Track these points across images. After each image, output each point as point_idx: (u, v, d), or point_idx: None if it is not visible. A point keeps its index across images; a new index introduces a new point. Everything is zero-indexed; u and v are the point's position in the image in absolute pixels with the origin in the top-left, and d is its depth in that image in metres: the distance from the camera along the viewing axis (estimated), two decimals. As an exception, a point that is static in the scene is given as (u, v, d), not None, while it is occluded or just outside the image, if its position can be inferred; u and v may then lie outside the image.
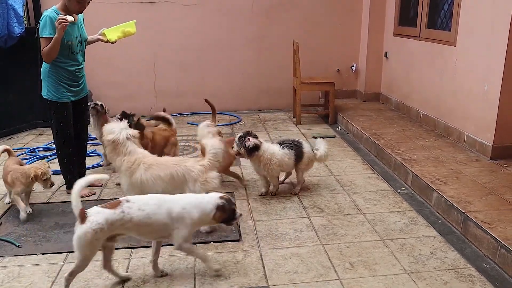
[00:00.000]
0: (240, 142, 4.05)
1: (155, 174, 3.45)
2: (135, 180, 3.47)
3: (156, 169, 3.47)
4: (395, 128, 5.92)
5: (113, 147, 3.59)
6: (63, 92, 4.10)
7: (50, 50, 3.87)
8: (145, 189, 3.39)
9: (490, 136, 4.66)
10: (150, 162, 3.53)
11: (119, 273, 2.99)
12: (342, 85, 7.66)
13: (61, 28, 3.78)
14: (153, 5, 7.01)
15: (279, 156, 4.12)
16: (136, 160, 3.53)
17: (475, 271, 3.07)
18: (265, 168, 4.11)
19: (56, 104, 4.09)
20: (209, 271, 3.03)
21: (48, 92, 4.07)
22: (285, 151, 4.17)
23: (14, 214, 3.95)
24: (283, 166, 4.18)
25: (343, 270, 3.08)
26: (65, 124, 4.16)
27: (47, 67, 4.03)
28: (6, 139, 6.15)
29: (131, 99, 7.23)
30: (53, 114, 4.12)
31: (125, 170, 3.52)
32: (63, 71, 4.07)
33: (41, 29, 3.88)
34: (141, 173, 3.47)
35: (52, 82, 4.05)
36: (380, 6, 7.18)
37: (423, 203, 4.11)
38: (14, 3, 5.92)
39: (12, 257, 3.29)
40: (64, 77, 4.08)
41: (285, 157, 4.15)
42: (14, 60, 6.18)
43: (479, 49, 4.82)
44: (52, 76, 4.04)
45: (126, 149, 3.57)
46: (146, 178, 3.45)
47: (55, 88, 4.06)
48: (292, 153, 4.18)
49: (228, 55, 7.38)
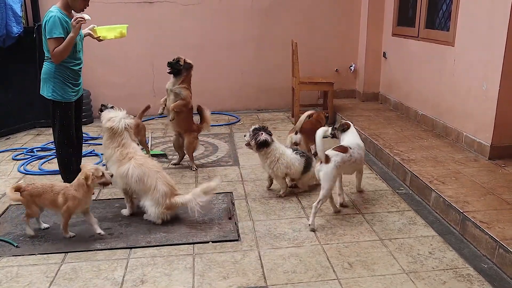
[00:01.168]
0: (252, 134, 4.13)
1: (140, 175, 3.65)
2: (122, 171, 3.68)
3: (144, 170, 3.66)
4: (394, 128, 5.92)
5: (111, 135, 3.74)
6: (69, 92, 4.10)
7: (64, 50, 3.89)
8: (127, 182, 3.68)
9: (488, 136, 4.66)
10: (141, 162, 3.71)
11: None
12: (340, 85, 7.65)
13: (79, 27, 3.86)
14: (152, 5, 7.00)
15: (288, 159, 4.14)
16: (128, 154, 3.72)
17: (473, 271, 3.08)
18: (270, 165, 4.13)
19: (62, 104, 4.09)
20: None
21: (53, 93, 4.04)
22: (297, 157, 4.20)
23: (12, 214, 3.94)
24: (290, 169, 4.17)
25: (342, 270, 3.08)
26: (68, 124, 4.17)
27: (52, 68, 4.00)
28: (4, 139, 6.14)
29: (130, 99, 7.18)
30: (58, 115, 4.11)
31: (116, 160, 3.72)
32: (69, 71, 4.07)
33: (49, 30, 3.85)
34: (129, 167, 3.67)
35: (58, 82, 4.03)
36: (379, 6, 7.18)
37: (422, 203, 4.11)
38: (12, 3, 5.91)
39: (10, 257, 3.29)
40: (69, 77, 4.08)
41: (295, 161, 4.18)
42: (13, 60, 6.17)
43: (477, 49, 4.82)
44: (58, 77, 4.03)
45: (122, 139, 3.73)
46: (131, 174, 3.65)
47: (61, 88, 4.05)
48: (303, 161, 4.20)
49: (227, 55, 7.37)
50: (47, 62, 4.03)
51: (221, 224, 3.73)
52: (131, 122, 3.86)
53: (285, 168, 4.15)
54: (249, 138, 4.14)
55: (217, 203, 4.13)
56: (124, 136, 3.74)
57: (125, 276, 3.04)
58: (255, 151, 4.17)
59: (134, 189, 3.73)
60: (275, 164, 4.12)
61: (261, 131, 4.11)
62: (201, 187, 3.67)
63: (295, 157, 4.19)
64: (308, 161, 4.25)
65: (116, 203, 4.12)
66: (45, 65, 4.05)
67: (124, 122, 3.77)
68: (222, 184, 4.51)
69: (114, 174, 3.64)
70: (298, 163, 4.19)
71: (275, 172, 4.16)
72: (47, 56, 4.01)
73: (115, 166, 3.71)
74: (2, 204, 4.15)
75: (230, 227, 3.67)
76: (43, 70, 4.07)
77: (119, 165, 3.69)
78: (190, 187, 4.47)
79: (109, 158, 3.79)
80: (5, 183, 4.64)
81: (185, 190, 4.35)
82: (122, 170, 3.67)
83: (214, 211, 3.97)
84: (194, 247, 3.39)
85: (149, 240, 3.48)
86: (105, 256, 3.29)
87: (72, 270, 3.11)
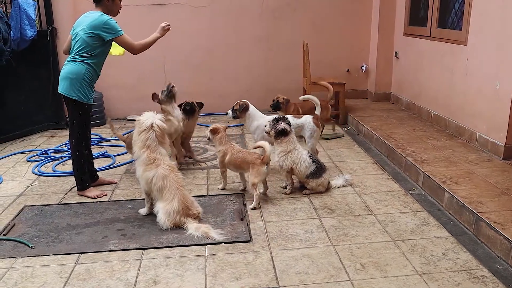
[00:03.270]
0: (272, 123, 4.25)
1: (161, 186, 3.66)
2: (147, 177, 3.71)
3: (166, 183, 3.66)
4: (406, 128, 5.89)
5: (138, 130, 3.78)
6: (91, 94, 4.22)
7: (148, 46, 4.30)
8: (150, 187, 3.73)
9: (502, 136, 4.61)
10: (166, 174, 3.69)
11: None
12: (352, 85, 7.62)
13: (166, 31, 4.39)
14: (163, 7, 7.04)
15: (298, 156, 4.19)
16: (156, 160, 3.72)
17: (487, 272, 3.04)
18: (279, 155, 4.21)
19: (85, 106, 4.17)
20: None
21: (79, 94, 4.10)
22: (308, 160, 4.22)
23: (26, 215, 3.99)
24: (296, 166, 4.19)
25: (354, 271, 3.07)
26: (87, 125, 4.30)
27: (84, 69, 4.07)
28: (19, 141, 6.22)
29: (142, 100, 7.24)
30: (79, 116, 4.18)
31: (143, 163, 3.74)
32: (95, 75, 4.21)
33: (118, 30, 4.07)
34: (154, 175, 3.68)
35: (86, 84, 4.11)
36: (390, 6, 7.14)
37: (435, 204, 4.08)
38: (26, 6, 5.99)
39: (25, 257, 3.33)
40: (93, 80, 4.21)
41: (304, 163, 4.19)
42: (25, 63, 6.25)
43: (490, 47, 4.77)
44: (87, 79, 4.11)
45: (148, 139, 3.73)
46: (154, 183, 3.67)
47: (87, 90, 4.14)
48: (312, 167, 4.21)
49: (236, 56, 7.39)
50: (77, 62, 4.07)
51: (233, 225, 3.74)
52: (161, 124, 3.83)
53: (291, 162, 4.18)
54: (269, 128, 4.26)
55: (229, 204, 4.14)
56: (150, 137, 3.73)
57: (138, 277, 3.06)
58: (273, 139, 4.26)
59: (154, 195, 3.79)
60: (284, 155, 4.18)
61: (281, 120, 4.24)
62: (207, 230, 3.57)
63: (305, 159, 4.20)
64: (318, 169, 4.25)
65: (128, 205, 4.15)
66: (73, 65, 4.08)
67: (153, 120, 3.77)
68: (233, 185, 4.53)
69: (140, 175, 3.76)
70: (306, 166, 4.19)
71: (280, 162, 4.22)
72: (80, 57, 4.06)
73: (142, 168, 3.74)
74: (17, 205, 4.21)
75: (242, 228, 3.68)
76: (71, 69, 4.07)
77: (145, 169, 3.71)
78: (202, 188, 4.49)
79: (136, 157, 3.82)
80: (19, 184, 4.71)
81: (197, 191, 4.39)
82: (147, 176, 3.70)
83: (226, 212, 3.98)
84: (207, 248, 3.40)
85: (162, 241, 3.50)
86: (118, 257, 3.31)
87: (86, 271, 3.14)
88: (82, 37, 4.03)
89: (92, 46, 4.06)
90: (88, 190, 4.36)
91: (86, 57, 4.07)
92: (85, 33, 4.02)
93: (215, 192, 4.42)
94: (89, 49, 4.06)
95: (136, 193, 4.40)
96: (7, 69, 5.87)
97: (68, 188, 4.55)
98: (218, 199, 4.25)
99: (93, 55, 4.09)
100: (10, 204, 4.23)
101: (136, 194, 4.37)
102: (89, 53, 4.07)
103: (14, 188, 4.60)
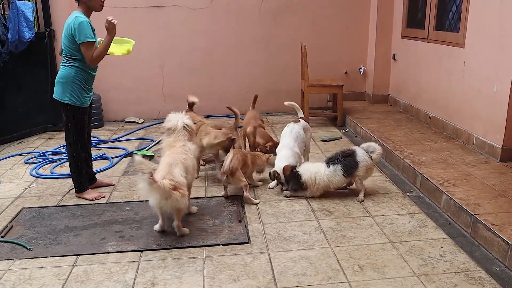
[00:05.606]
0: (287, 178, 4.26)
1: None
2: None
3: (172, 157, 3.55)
4: (404, 130, 5.90)
5: (169, 134, 3.75)
6: (85, 97, 4.14)
7: (102, 54, 3.98)
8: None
9: (499, 138, 4.63)
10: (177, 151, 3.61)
11: None
12: (350, 88, 7.64)
13: (113, 27, 3.95)
14: (161, 9, 7.04)
15: (324, 176, 4.14)
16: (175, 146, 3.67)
17: (485, 274, 3.05)
18: (311, 188, 4.18)
19: (78, 109, 4.11)
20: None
21: (71, 97, 4.05)
22: (330, 169, 4.14)
23: (24, 217, 3.99)
24: (332, 183, 4.16)
25: (352, 273, 3.08)
26: (82, 129, 4.21)
27: (72, 72, 4.02)
28: (17, 143, 6.21)
29: (140, 103, 7.28)
30: (73, 119, 4.13)
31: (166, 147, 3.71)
32: (88, 76, 4.12)
33: (83, 35, 3.86)
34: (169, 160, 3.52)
35: (77, 87, 4.05)
36: (388, 8, 7.16)
37: (432, 206, 4.09)
38: (24, 8, 5.99)
39: (23, 259, 3.32)
40: (87, 82, 4.12)
41: (330, 176, 4.14)
42: (23, 64, 6.24)
43: (488, 50, 4.79)
44: (78, 82, 4.05)
45: (179, 136, 3.72)
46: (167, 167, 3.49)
47: (79, 93, 4.08)
48: (339, 168, 4.13)
49: (235, 58, 7.39)
50: (65, 66, 4.04)
51: (231, 227, 3.74)
52: (190, 122, 3.84)
53: (322, 188, 4.19)
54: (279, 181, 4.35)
55: (227, 206, 4.14)
56: (182, 135, 3.73)
57: (136, 279, 3.06)
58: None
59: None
60: (313, 186, 4.20)
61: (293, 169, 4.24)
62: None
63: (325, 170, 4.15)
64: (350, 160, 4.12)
65: (126, 206, 4.15)
66: (63, 69, 4.05)
67: (183, 121, 3.77)
68: (232, 187, 4.53)
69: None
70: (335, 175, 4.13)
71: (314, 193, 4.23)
72: (66, 60, 4.03)
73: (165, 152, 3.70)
74: (15, 207, 4.20)
75: (240, 230, 3.68)
76: (61, 74, 4.06)
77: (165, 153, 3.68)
78: (200, 190, 4.49)
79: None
80: (17, 186, 4.70)
81: (195, 193, 4.38)
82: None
83: (224, 214, 3.98)
84: (205, 249, 3.41)
85: (160, 243, 3.50)
86: (116, 258, 3.31)
87: (83, 273, 3.14)
88: (63, 40, 4.00)
89: (72, 48, 3.96)
90: (86, 192, 4.35)
91: (72, 60, 4.00)
92: (64, 36, 3.98)
93: (213, 194, 4.43)
94: (72, 52, 3.98)
95: (134, 195, 4.39)
96: (4, 71, 5.86)
97: (66, 190, 4.55)
98: (216, 201, 4.26)
99: (77, 59, 3.99)
100: (8, 206, 4.22)
101: (134, 196, 4.37)
102: (73, 56, 3.99)
103: (12, 190, 4.60)
